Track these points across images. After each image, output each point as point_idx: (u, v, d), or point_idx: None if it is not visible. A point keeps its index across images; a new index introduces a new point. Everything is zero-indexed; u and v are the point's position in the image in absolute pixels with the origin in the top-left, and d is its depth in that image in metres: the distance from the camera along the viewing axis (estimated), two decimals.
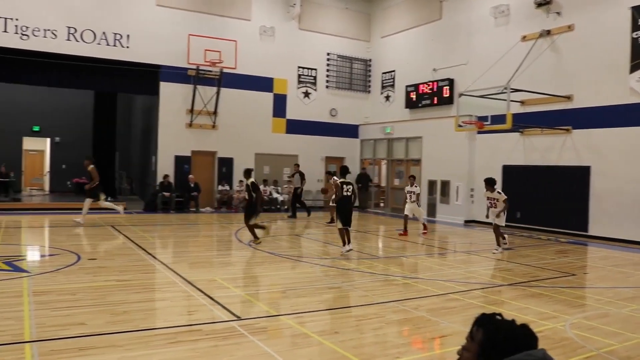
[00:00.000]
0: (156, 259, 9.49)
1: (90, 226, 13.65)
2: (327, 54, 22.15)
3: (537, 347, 1.86)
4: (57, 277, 7.57)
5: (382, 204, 21.92)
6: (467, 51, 18.10)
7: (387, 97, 22.10)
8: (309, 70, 21.77)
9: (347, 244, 10.25)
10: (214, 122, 19.61)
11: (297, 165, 18.98)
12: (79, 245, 11.01)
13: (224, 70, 19.02)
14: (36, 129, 24.93)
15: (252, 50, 20.11)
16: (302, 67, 21.60)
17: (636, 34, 13.16)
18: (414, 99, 20.26)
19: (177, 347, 4.82)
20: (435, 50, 19.64)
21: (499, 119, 14.04)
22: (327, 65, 22.20)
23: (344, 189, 10.35)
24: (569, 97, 14.74)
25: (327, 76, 22.22)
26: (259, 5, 20.51)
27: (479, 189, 14.88)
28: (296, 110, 21.43)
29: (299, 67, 21.50)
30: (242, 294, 7.16)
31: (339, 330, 5.59)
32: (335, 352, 4.84)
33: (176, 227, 14.89)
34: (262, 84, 20.60)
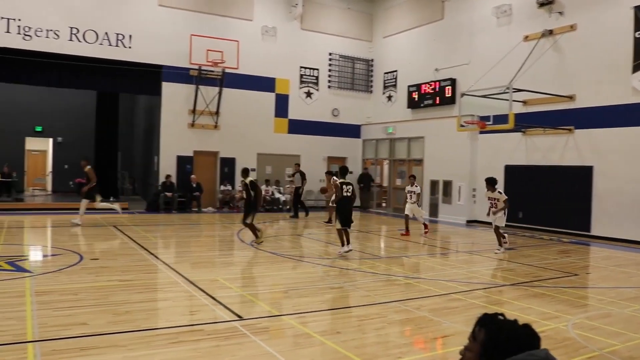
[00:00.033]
0: (158, 259, 9.50)
1: (92, 226, 13.67)
2: (329, 54, 22.15)
3: (540, 347, 1.86)
4: (59, 277, 7.58)
5: (384, 204, 21.91)
6: (469, 51, 18.08)
7: (389, 97, 22.09)
8: (311, 70, 21.76)
9: (346, 244, 10.22)
10: (216, 122, 19.63)
11: (297, 165, 18.99)
12: (81, 245, 11.04)
13: (226, 70, 19.04)
14: (38, 129, 24.99)
15: (254, 50, 20.11)
16: (304, 67, 21.60)
17: (639, 34, 13.12)
18: (416, 99, 20.25)
19: (179, 347, 4.83)
20: (437, 50, 19.63)
21: (501, 118, 14.02)
22: (329, 65, 22.20)
23: (344, 190, 10.32)
24: (571, 97, 14.71)
25: (329, 76, 22.21)
26: (261, 5, 20.52)
27: (481, 189, 14.86)
28: (298, 110, 21.43)
29: (301, 67, 21.51)
30: (244, 294, 7.17)
31: (341, 330, 5.58)
32: (337, 352, 4.84)
33: (178, 227, 14.91)
34: (264, 84, 20.60)
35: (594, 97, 14.13)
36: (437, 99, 19.27)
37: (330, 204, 15.00)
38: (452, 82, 18.67)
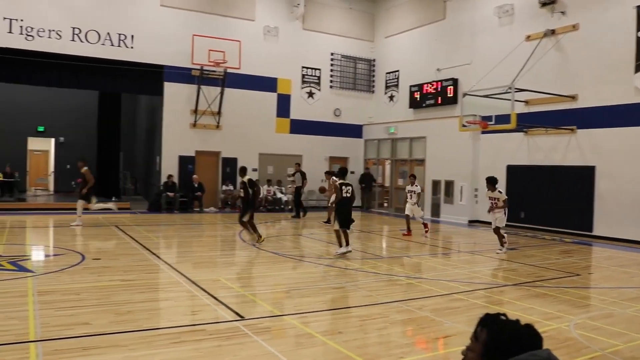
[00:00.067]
0: (160, 258, 9.51)
1: (94, 226, 13.69)
2: (331, 54, 22.14)
3: (542, 347, 1.86)
4: (61, 277, 7.59)
5: (385, 204, 21.89)
6: (471, 51, 18.06)
7: (391, 97, 22.08)
8: (313, 70, 21.76)
9: (345, 245, 10.19)
10: (218, 122, 19.64)
11: (298, 164, 18.99)
12: (83, 245, 11.05)
13: (228, 70, 19.04)
14: (41, 129, 25.04)
15: (256, 50, 20.12)
16: (306, 67, 21.60)
17: None
18: (418, 99, 20.23)
19: (180, 347, 4.83)
20: (439, 50, 19.61)
21: (503, 118, 14.01)
22: (331, 65, 22.19)
23: (344, 190, 10.29)
24: (573, 97, 14.68)
25: (331, 76, 22.20)
26: (262, 5, 20.52)
27: (483, 189, 14.80)
28: (300, 110, 21.43)
29: (302, 67, 21.50)
30: (245, 294, 7.17)
31: (343, 330, 5.58)
32: (339, 352, 4.83)
33: (180, 227, 14.92)
34: (266, 84, 20.61)
35: (596, 97, 14.10)
36: (439, 99, 19.25)
37: (329, 204, 14.98)
38: (454, 82, 18.65)
